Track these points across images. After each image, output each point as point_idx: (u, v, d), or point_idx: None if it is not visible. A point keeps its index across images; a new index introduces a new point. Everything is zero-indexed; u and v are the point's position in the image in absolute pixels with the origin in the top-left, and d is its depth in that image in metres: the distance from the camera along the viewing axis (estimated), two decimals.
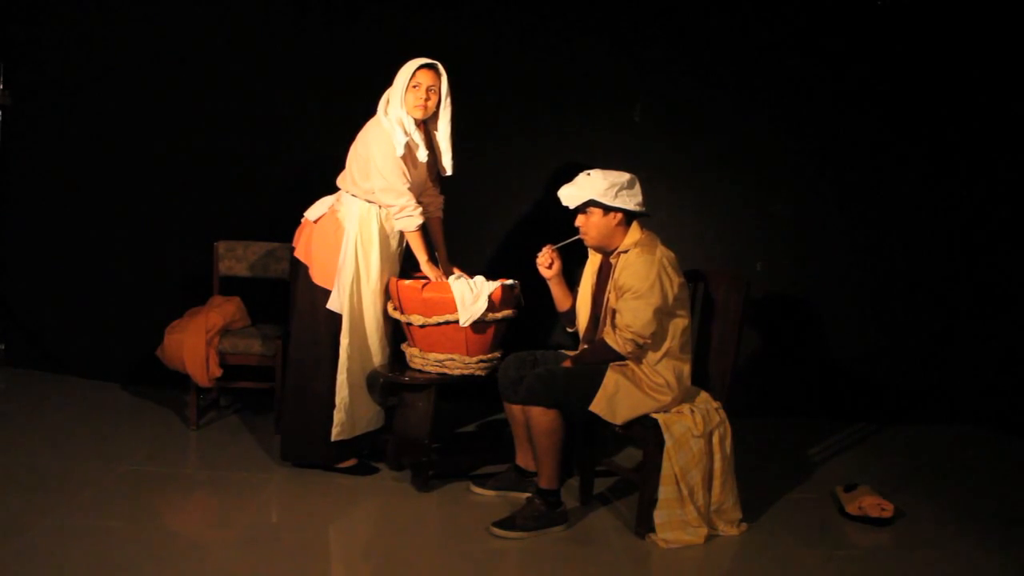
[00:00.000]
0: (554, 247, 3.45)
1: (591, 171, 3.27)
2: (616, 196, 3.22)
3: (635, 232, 3.28)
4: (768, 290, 4.61)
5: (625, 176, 3.27)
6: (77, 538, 2.94)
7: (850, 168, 4.74)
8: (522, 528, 3.19)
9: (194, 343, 4.00)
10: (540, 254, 3.45)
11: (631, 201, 3.25)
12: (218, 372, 4.04)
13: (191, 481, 3.61)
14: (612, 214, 3.25)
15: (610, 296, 3.28)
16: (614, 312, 3.22)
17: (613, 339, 3.20)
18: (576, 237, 3.37)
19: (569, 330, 3.54)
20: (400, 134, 3.46)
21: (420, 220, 3.57)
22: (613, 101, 4.66)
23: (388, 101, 3.52)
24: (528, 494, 3.36)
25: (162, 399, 4.49)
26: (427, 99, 3.51)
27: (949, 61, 4.66)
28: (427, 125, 3.65)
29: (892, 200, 4.76)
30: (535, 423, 3.22)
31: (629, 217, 3.28)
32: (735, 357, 3.41)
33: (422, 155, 3.56)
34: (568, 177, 3.32)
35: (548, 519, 3.23)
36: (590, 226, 3.29)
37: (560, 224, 3.47)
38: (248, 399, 4.55)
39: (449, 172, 3.70)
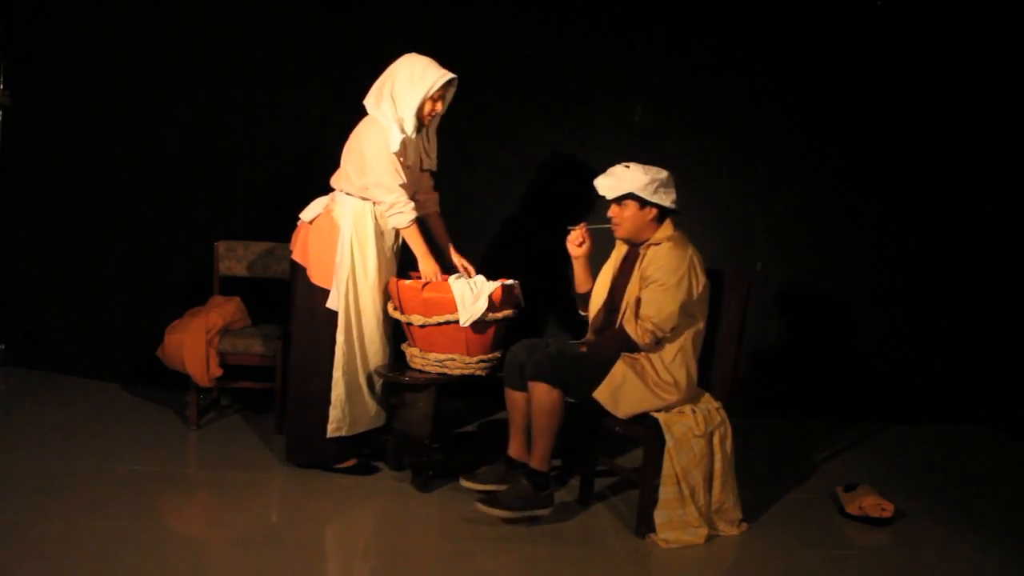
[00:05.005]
0: (588, 226, 3.45)
1: (629, 164, 3.28)
2: (655, 192, 3.24)
3: (668, 228, 3.31)
4: (768, 290, 4.61)
5: (664, 173, 3.29)
6: (77, 538, 2.94)
7: (851, 168, 4.74)
8: (507, 507, 3.16)
9: (194, 343, 4.00)
10: (572, 230, 3.44)
11: (667, 198, 3.28)
12: (218, 372, 4.04)
13: (191, 481, 3.60)
14: (648, 209, 3.27)
15: (633, 285, 3.28)
16: (638, 301, 3.21)
17: (633, 328, 3.19)
18: (608, 226, 3.37)
19: (582, 313, 3.53)
20: (396, 132, 3.45)
21: (412, 215, 3.54)
22: (613, 101, 4.66)
23: (392, 99, 3.45)
24: None
25: (162, 399, 4.48)
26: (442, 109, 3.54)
27: (950, 60, 4.67)
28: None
29: (893, 199, 4.76)
30: (537, 400, 3.20)
31: (663, 214, 3.30)
32: (736, 357, 3.41)
33: (415, 153, 3.57)
34: (568, 176, 3.31)
35: (534, 501, 3.20)
36: (624, 218, 3.29)
37: (564, 223, 3.48)
38: (248, 399, 4.55)
39: (434, 168, 3.71)
